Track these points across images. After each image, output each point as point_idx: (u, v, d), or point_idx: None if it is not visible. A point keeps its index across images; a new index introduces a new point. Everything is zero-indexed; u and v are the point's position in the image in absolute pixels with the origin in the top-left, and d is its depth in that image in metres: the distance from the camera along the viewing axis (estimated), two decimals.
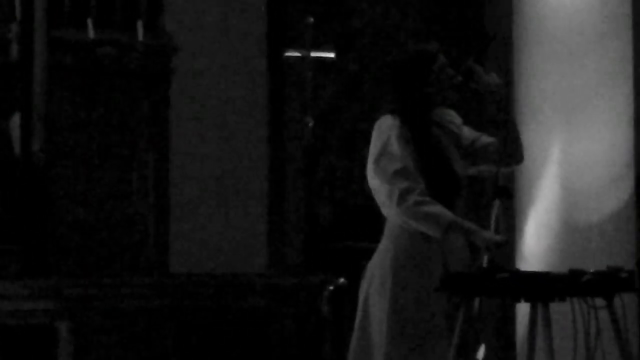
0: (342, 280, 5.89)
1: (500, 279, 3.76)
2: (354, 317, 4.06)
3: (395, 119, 3.88)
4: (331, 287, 6.05)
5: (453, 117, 4.06)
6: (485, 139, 4.00)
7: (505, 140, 3.91)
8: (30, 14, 6.84)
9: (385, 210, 3.90)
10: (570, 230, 5.77)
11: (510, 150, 3.96)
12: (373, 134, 3.92)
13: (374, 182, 3.88)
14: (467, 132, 4.02)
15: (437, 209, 3.76)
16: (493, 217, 5.15)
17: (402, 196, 3.75)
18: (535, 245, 5.81)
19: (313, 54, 7.46)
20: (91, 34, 6.99)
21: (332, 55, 7.62)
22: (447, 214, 3.78)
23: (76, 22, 7.12)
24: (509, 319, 6.35)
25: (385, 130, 3.85)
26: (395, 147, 3.82)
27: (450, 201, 3.91)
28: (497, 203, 5.20)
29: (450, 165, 3.94)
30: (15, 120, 6.84)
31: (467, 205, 4.07)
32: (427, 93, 3.89)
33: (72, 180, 7.25)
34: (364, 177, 3.95)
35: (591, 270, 3.87)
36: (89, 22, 7.02)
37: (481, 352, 5.50)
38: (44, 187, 7.03)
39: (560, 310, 3.97)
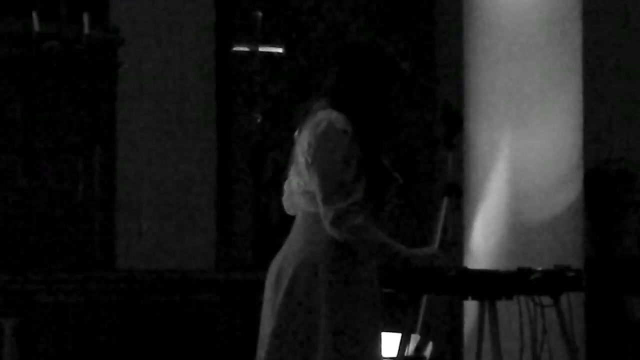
0: None
1: (448, 277, 3.75)
2: None
3: (340, 114, 3.54)
4: None
5: None
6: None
7: None
8: None
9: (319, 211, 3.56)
10: (518, 229, 5.79)
11: None
12: (321, 127, 3.53)
13: (315, 179, 3.57)
14: None
15: (377, 236, 3.49)
16: (442, 215, 5.16)
17: (340, 217, 3.47)
18: (484, 243, 5.82)
19: (262, 49, 7.42)
20: (36, 26, 6.89)
21: (281, 50, 7.59)
22: (393, 244, 3.52)
23: (21, 14, 7.03)
24: (457, 316, 6.36)
25: (338, 131, 3.53)
26: (346, 152, 3.51)
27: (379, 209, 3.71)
28: (446, 200, 5.21)
29: (392, 176, 3.73)
30: None
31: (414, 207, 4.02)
32: (388, 98, 3.59)
33: (15, 174, 7.16)
34: None
35: (539, 269, 3.88)
36: (34, 14, 6.93)
37: (429, 349, 5.52)
38: None
39: (507, 308, 3.98)
